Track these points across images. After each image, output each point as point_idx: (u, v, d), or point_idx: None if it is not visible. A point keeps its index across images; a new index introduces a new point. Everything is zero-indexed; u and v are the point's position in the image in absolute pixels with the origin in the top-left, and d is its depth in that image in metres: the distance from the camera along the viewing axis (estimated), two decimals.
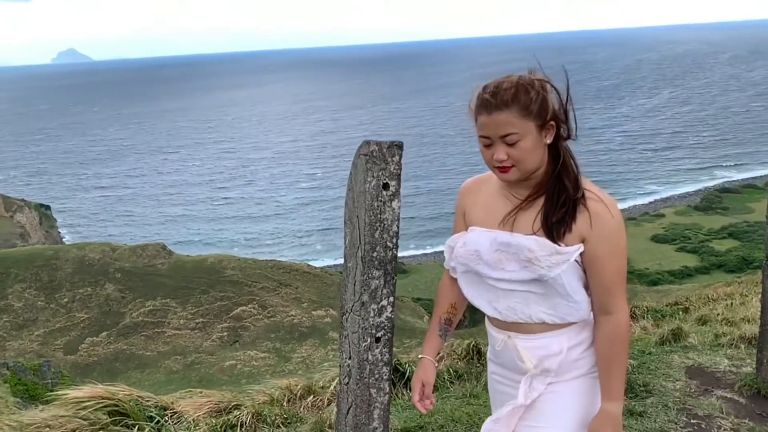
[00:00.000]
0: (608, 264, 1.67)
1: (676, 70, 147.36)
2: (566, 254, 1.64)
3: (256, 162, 78.11)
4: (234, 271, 30.58)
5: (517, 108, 1.59)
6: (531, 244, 1.65)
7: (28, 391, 18.47)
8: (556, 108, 1.65)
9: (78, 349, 26.83)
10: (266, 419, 3.58)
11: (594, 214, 1.65)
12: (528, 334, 1.76)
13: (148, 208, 61.52)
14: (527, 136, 1.61)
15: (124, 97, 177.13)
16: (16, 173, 78.65)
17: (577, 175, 1.68)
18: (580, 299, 1.71)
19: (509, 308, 1.75)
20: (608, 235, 1.65)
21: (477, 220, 1.80)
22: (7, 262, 30.34)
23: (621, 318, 1.71)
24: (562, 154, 1.69)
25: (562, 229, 1.64)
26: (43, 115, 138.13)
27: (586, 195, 1.67)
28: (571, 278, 1.67)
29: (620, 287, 1.70)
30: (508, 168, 1.64)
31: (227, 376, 23.76)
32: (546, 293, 1.70)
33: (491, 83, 1.64)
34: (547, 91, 1.64)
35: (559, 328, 1.75)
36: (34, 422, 3.62)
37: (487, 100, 1.62)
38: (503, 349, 1.82)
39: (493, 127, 1.61)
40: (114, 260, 30.72)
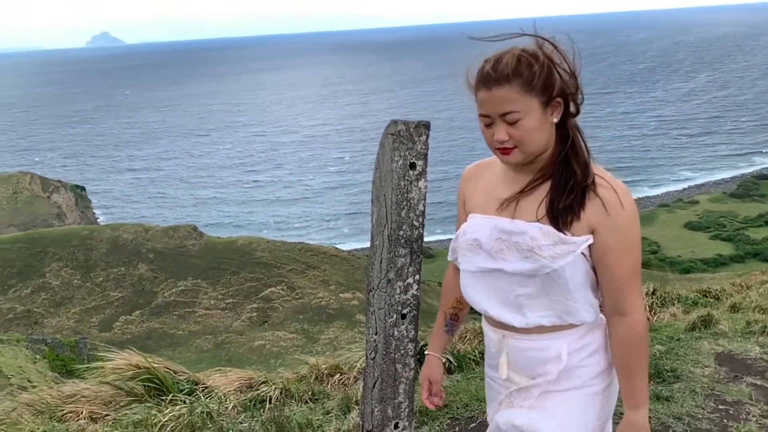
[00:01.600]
0: (621, 258, 1.50)
1: (715, 53, 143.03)
2: (572, 244, 1.48)
3: (286, 145, 78.64)
4: (263, 253, 31.02)
5: (519, 83, 1.43)
6: (534, 232, 1.49)
7: (66, 366, 19.12)
8: (564, 83, 1.48)
9: (112, 327, 27.61)
10: (294, 395, 3.67)
11: (606, 201, 1.48)
12: (524, 334, 1.60)
13: (179, 190, 62.57)
14: (530, 113, 1.44)
15: (156, 80, 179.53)
16: (52, 155, 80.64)
17: (587, 159, 1.52)
18: (581, 297, 1.55)
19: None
20: (620, 225, 1.48)
21: (477, 206, 1.65)
22: (45, 241, 31.27)
23: (637, 318, 1.54)
24: (571, 135, 1.53)
25: (570, 216, 1.48)
26: (78, 98, 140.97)
27: (597, 181, 1.50)
28: (575, 272, 1.51)
29: (635, 284, 1.53)
30: (510, 149, 1.48)
31: (256, 356, 24.21)
32: (544, 288, 1.53)
33: (492, 56, 1.48)
34: (554, 63, 1.47)
35: (558, 330, 1.58)
36: (73, 393, 3.78)
37: (486, 75, 1.46)
38: (498, 352, 1.68)
39: (492, 104, 1.46)
40: (147, 241, 31.42)
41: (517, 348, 1.63)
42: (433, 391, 1.85)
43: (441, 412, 3.31)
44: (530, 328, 1.59)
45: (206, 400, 3.42)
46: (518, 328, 1.60)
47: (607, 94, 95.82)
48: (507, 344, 1.64)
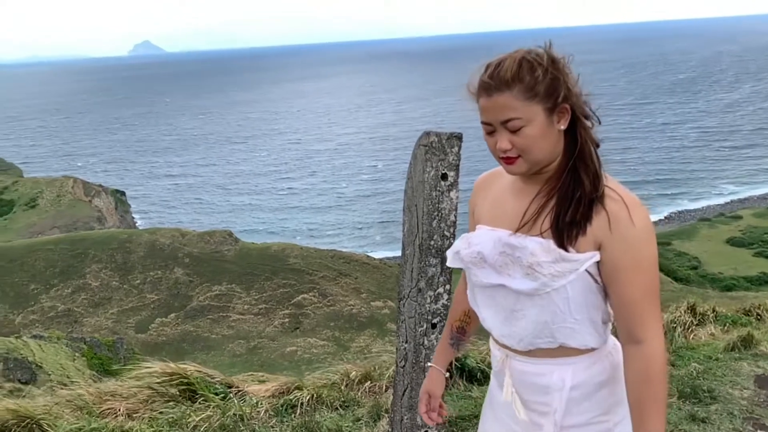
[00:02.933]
0: (632, 278, 1.37)
1: (761, 63, 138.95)
2: (575, 262, 1.37)
3: (320, 153, 79.33)
4: (296, 259, 31.30)
5: (520, 89, 1.34)
6: (534, 247, 1.39)
7: (103, 365, 19.60)
8: (571, 88, 1.39)
9: (148, 329, 28.18)
10: (325, 402, 3.71)
11: (613, 215, 1.36)
12: (526, 356, 1.49)
13: (216, 196, 63.65)
14: (533, 121, 1.36)
15: (195, 88, 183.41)
16: (94, 160, 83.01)
17: (598, 170, 1.41)
18: (584, 319, 1.42)
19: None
20: (630, 241, 1.36)
21: (484, 217, 1.56)
22: (85, 244, 32.17)
23: (654, 347, 1.38)
24: (580, 143, 1.41)
25: (575, 231, 1.38)
26: (120, 105, 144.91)
27: (606, 193, 1.39)
28: (577, 293, 1.40)
29: (651, 308, 1.39)
30: (514, 159, 1.40)
31: (288, 362, 24.39)
32: (544, 308, 1.42)
33: (493, 60, 1.40)
34: (559, 68, 1.38)
35: (562, 355, 1.46)
36: (111, 391, 3.89)
37: (486, 81, 1.37)
38: (501, 372, 1.58)
39: (493, 111, 1.37)
40: (183, 245, 32.03)
41: (520, 371, 1.52)
42: (431, 405, 1.76)
43: (470, 423, 3.31)
44: (532, 350, 1.48)
45: (239, 404, 3.49)
46: (519, 349, 1.49)
47: (646, 105, 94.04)
48: (510, 365, 1.53)
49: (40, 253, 31.28)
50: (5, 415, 3.35)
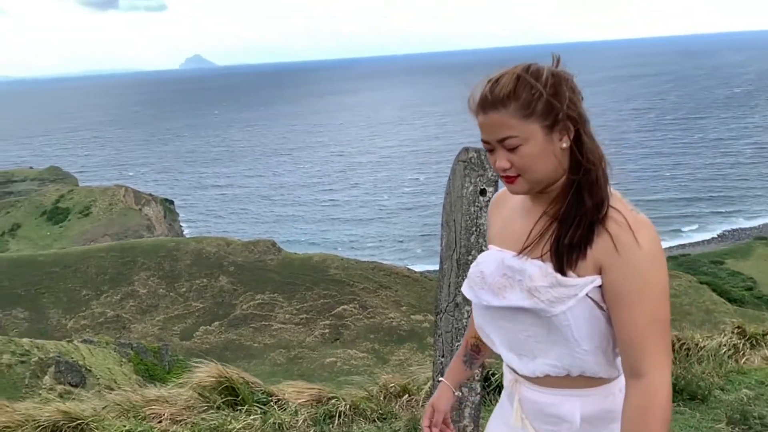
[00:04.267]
0: (635, 305, 1.28)
1: None
2: (572, 288, 1.30)
3: (362, 165, 79.92)
4: (337, 270, 31.51)
5: (516, 106, 1.29)
6: (533, 271, 1.34)
7: (149, 371, 20.10)
8: (573, 104, 1.32)
9: (193, 336, 28.79)
10: (363, 413, 3.73)
11: (615, 237, 1.29)
12: (535, 384, 1.43)
13: (260, 207, 64.80)
14: (531, 139, 1.30)
15: (242, 100, 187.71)
16: (145, 170, 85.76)
17: (602, 189, 1.33)
18: (592, 348, 1.35)
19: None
20: (635, 266, 1.27)
21: (494, 237, 1.52)
22: (135, 251, 33.19)
23: (656, 383, 1.27)
24: (586, 161, 1.34)
25: (575, 254, 1.31)
26: (171, 117, 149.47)
27: (609, 213, 1.31)
28: (580, 320, 1.32)
29: (656, 340, 1.28)
30: (514, 178, 1.35)
31: (327, 373, 24.50)
32: (549, 335, 1.36)
33: (493, 75, 1.35)
34: (560, 83, 1.31)
35: (573, 386, 1.39)
36: (156, 396, 4.01)
37: (483, 97, 1.33)
38: (511, 394, 1.52)
39: (490, 129, 1.33)
40: (228, 254, 32.68)
41: (528, 399, 1.45)
42: (434, 420, 1.70)
43: None
44: (540, 378, 1.41)
45: (279, 412, 3.54)
46: (527, 375, 1.44)
47: (698, 119, 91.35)
48: (519, 390, 1.47)
49: (92, 260, 32.42)
50: (57, 416, 3.49)
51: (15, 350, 18.77)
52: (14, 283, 30.77)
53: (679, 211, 51.80)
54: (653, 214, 51.10)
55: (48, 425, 3.42)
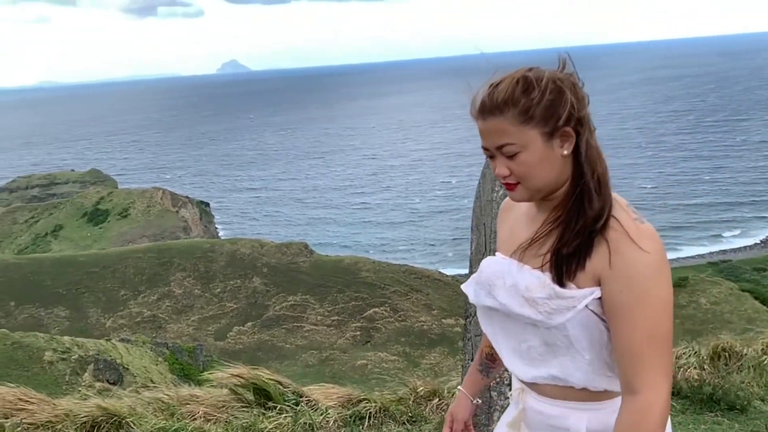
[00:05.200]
0: (633, 319, 1.23)
1: None
2: (571, 299, 1.27)
3: (394, 169, 80.00)
4: (368, 273, 31.60)
5: (514, 112, 1.26)
6: (531, 282, 1.31)
7: (183, 370, 20.47)
8: (576, 110, 1.27)
9: (226, 336, 29.21)
10: (393, 415, 3.74)
11: (614, 247, 1.24)
12: (541, 395, 1.40)
13: (293, 209, 65.44)
14: (529, 147, 1.26)
15: (277, 104, 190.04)
16: (182, 173, 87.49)
17: (605, 198, 1.29)
18: (595, 360, 1.31)
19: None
20: (632, 277, 1.23)
21: (501, 244, 1.49)
22: (171, 252, 33.87)
23: (650, 401, 1.22)
24: (588, 169, 1.30)
25: (573, 265, 1.27)
26: (207, 121, 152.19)
27: (610, 223, 1.27)
28: (579, 332, 1.29)
29: (653, 356, 1.23)
30: (514, 185, 1.31)
31: (358, 375, 24.57)
32: (550, 345, 1.33)
33: (494, 80, 1.31)
34: (561, 88, 1.26)
35: (579, 399, 1.35)
36: (188, 396, 4.09)
37: (481, 103, 1.30)
38: (517, 403, 1.49)
39: (488, 135, 1.30)
40: (262, 256, 33.09)
41: (534, 409, 1.42)
42: (454, 429, 1.69)
43: None
44: (546, 388, 1.39)
45: (310, 413, 3.58)
46: (530, 384, 1.41)
47: (740, 121, 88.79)
48: (525, 400, 1.45)
49: (130, 261, 33.20)
50: (96, 412, 3.59)
51: (57, 348, 19.35)
52: (56, 283, 31.71)
53: (719, 215, 50.37)
54: (692, 218, 49.90)
55: (88, 421, 3.52)
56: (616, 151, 74.23)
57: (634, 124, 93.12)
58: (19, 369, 17.17)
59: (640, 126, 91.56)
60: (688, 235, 46.46)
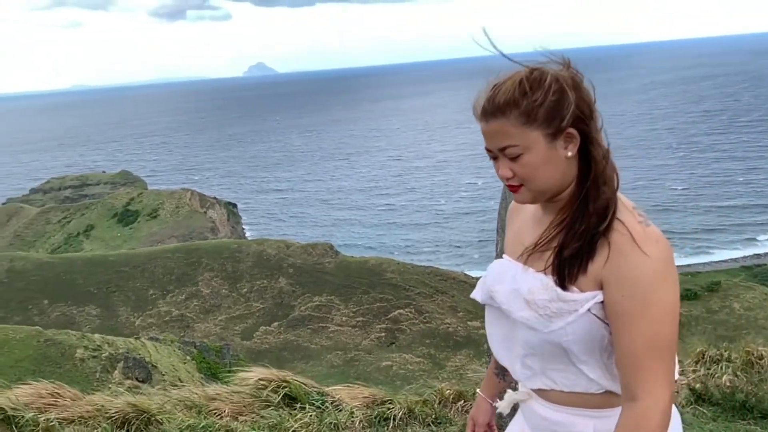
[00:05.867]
0: (634, 325, 1.20)
1: None
2: (572, 303, 1.24)
3: (419, 170, 79.91)
4: (393, 274, 31.60)
5: (516, 114, 1.24)
6: (533, 284, 1.30)
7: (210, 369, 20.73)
8: (580, 110, 1.25)
9: (253, 336, 29.50)
10: (418, 417, 3.74)
11: (616, 251, 1.22)
12: (547, 401, 1.38)
13: (318, 210, 65.82)
14: (532, 148, 1.24)
15: (302, 107, 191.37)
16: (210, 174, 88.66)
17: (609, 200, 1.26)
18: (599, 365, 1.29)
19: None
20: (635, 282, 1.19)
21: (507, 246, 1.48)
22: (199, 252, 34.33)
23: (649, 409, 1.19)
24: (593, 171, 1.27)
25: (576, 267, 1.25)
26: (234, 123, 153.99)
27: (614, 226, 1.24)
28: (581, 336, 1.26)
29: (655, 364, 1.20)
30: (517, 187, 1.30)
31: (383, 376, 24.58)
32: (549, 348, 1.31)
33: (497, 80, 1.29)
34: (565, 88, 1.24)
35: (585, 405, 1.33)
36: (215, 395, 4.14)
37: (484, 105, 1.28)
38: (525, 409, 1.46)
39: (491, 137, 1.29)
40: (288, 256, 33.35)
41: (539, 415, 1.40)
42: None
43: None
44: (550, 394, 1.36)
45: (335, 413, 3.60)
46: (543, 390, 1.38)
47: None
48: (530, 405, 1.42)
49: (159, 261, 33.75)
50: (127, 408, 3.67)
51: (88, 345, 19.77)
52: (87, 282, 32.40)
53: (753, 218, 49.13)
54: (725, 221, 48.73)
55: (118, 417, 3.60)
56: (646, 152, 73.01)
57: (664, 125, 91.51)
58: (52, 366, 17.59)
59: (670, 126, 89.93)
60: (721, 239, 45.42)
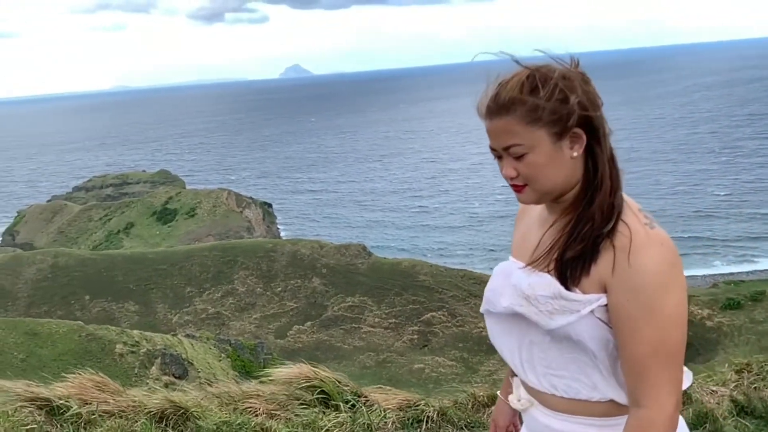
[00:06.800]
0: (639, 331, 1.17)
1: None
2: (574, 302, 1.21)
3: (453, 172, 79.61)
4: (426, 276, 31.52)
5: (521, 112, 1.21)
6: (534, 280, 1.27)
7: (245, 367, 21.03)
8: (587, 110, 1.22)
9: (286, 335, 29.80)
10: (451, 420, 3.72)
11: (619, 254, 1.18)
12: (548, 409, 1.34)
13: (351, 212, 66.13)
14: (537, 148, 1.22)
15: (337, 108, 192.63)
16: (246, 174, 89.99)
17: (614, 202, 1.23)
18: (600, 370, 1.26)
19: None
20: (637, 287, 1.16)
21: (514, 246, 1.47)
22: (235, 251, 34.87)
23: (654, 417, 1.17)
24: (600, 171, 1.24)
25: (577, 269, 1.22)
26: (271, 124, 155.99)
27: (618, 228, 1.21)
28: (586, 340, 1.23)
29: (660, 370, 1.17)
30: (521, 187, 1.28)
31: (415, 379, 24.55)
32: (550, 349, 1.28)
33: (503, 77, 1.27)
34: (572, 87, 1.21)
35: (589, 413, 1.29)
36: (250, 392, 4.20)
37: (488, 103, 1.27)
38: (527, 418, 1.42)
39: (495, 136, 1.27)
40: (321, 257, 33.60)
41: (539, 423, 1.36)
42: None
43: None
44: (552, 400, 1.33)
45: (368, 413, 3.61)
46: (544, 396, 1.34)
47: None
48: (532, 413, 1.40)
49: (196, 259, 34.40)
50: (164, 403, 3.75)
51: (127, 341, 20.28)
52: (127, 279, 33.24)
53: None
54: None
55: (157, 412, 3.68)
56: (687, 157, 71.26)
57: (707, 128, 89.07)
58: (93, 360, 18.09)
59: (713, 130, 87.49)
60: (766, 246, 43.96)
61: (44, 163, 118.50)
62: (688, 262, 43.66)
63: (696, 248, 44.78)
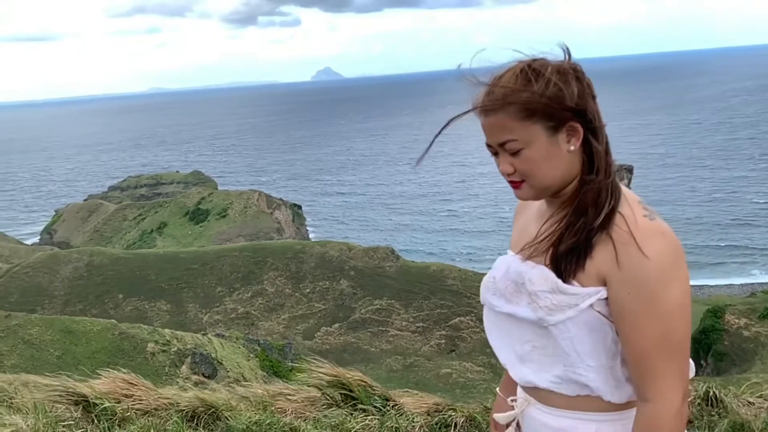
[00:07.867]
0: (641, 324, 1.16)
1: None
2: (573, 296, 1.20)
3: (483, 176, 79.07)
4: (454, 281, 31.37)
5: (516, 107, 1.19)
6: (534, 275, 1.25)
7: (273, 367, 21.20)
8: (582, 104, 1.20)
9: (314, 336, 29.97)
10: (479, 425, 3.70)
11: (618, 246, 1.17)
12: (544, 405, 1.32)
13: (380, 214, 66.27)
14: (533, 143, 1.20)
15: (367, 111, 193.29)
16: (277, 176, 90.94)
17: (609, 194, 1.21)
18: (600, 366, 1.23)
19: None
20: (638, 280, 1.15)
21: (512, 242, 1.47)
22: (265, 252, 35.23)
23: (661, 409, 1.16)
24: (596, 164, 1.23)
25: (572, 263, 1.21)
26: (302, 127, 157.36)
27: (616, 220, 1.20)
28: (583, 333, 1.21)
29: (665, 363, 1.16)
30: (519, 183, 1.27)
31: (442, 384, 24.43)
32: (550, 346, 1.26)
33: (498, 72, 1.25)
34: (567, 81, 1.19)
35: (585, 409, 1.26)
36: (279, 391, 4.24)
37: (482, 99, 1.25)
38: (524, 417, 1.39)
39: (490, 132, 1.26)
40: (349, 259, 33.71)
41: (538, 420, 1.34)
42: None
43: None
44: (549, 397, 1.30)
45: (396, 417, 3.61)
46: (540, 393, 1.32)
47: None
48: (528, 411, 1.37)
49: (227, 259, 34.86)
50: (195, 402, 3.81)
51: (158, 340, 20.64)
52: (159, 278, 33.84)
53: None
54: None
55: (188, 411, 3.74)
56: (725, 163, 69.55)
57: (746, 134, 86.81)
58: (125, 358, 18.47)
59: (752, 136, 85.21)
60: None
61: (81, 162, 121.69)
62: (726, 270, 42.61)
63: (734, 257, 43.68)
